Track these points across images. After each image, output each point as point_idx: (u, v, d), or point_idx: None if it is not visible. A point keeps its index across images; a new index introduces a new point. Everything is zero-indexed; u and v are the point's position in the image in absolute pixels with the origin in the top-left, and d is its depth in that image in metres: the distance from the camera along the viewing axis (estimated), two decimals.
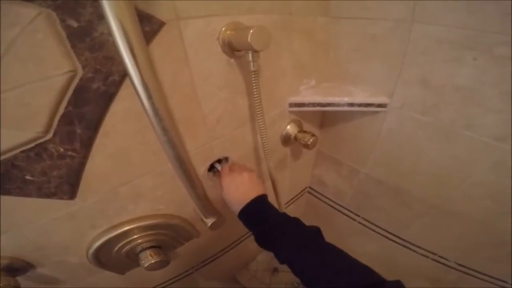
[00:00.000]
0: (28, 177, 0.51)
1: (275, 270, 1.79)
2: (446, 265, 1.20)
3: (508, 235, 0.92)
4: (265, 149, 0.79)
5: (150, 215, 0.76)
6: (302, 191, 1.50)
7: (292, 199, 1.45)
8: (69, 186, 0.57)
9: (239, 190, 0.71)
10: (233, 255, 1.41)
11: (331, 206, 1.46)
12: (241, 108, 0.80)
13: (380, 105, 0.89)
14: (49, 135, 0.49)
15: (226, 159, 0.85)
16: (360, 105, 0.90)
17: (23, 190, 0.52)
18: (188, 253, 1.04)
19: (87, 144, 0.54)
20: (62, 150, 0.51)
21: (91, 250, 0.71)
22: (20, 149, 0.48)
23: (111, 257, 0.77)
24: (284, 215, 0.68)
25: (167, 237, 0.84)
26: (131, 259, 0.80)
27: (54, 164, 0.52)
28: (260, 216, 0.68)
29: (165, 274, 1.14)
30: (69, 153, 0.52)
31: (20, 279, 0.62)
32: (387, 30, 0.78)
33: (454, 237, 1.08)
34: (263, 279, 1.76)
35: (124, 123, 0.57)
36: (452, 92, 0.75)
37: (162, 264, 0.80)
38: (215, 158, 0.82)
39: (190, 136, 0.66)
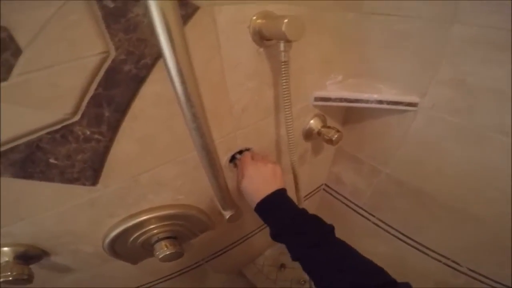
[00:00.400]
0: (52, 161, 0.49)
1: (282, 266, 1.78)
2: (456, 269, 1.18)
3: None
4: (290, 142, 0.77)
5: (168, 205, 0.75)
6: (317, 188, 1.47)
7: (307, 195, 1.43)
8: (92, 172, 0.55)
9: (262, 180, 0.69)
10: (242, 249, 1.40)
11: (346, 205, 1.43)
12: (267, 99, 0.78)
13: (410, 104, 0.86)
14: (77, 117, 0.48)
15: (248, 150, 0.83)
16: (389, 102, 0.86)
17: (45, 174, 0.50)
18: (201, 245, 1.02)
19: (114, 128, 0.53)
20: (88, 132, 0.50)
21: (108, 240, 0.70)
22: (46, 131, 0.46)
23: (127, 247, 0.76)
24: (303, 211, 0.67)
25: (183, 228, 0.83)
26: (145, 249, 0.79)
27: (79, 148, 0.51)
28: (279, 210, 0.66)
29: (176, 265, 1.14)
30: (96, 136, 0.51)
31: (33, 267, 0.61)
32: (422, 29, 0.75)
33: (470, 242, 1.06)
34: (269, 274, 1.75)
35: (153, 108, 0.55)
36: (487, 95, 0.72)
37: (176, 256, 0.78)
38: (238, 149, 0.80)
39: (215, 124, 0.63)
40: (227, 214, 0.78)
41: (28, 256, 0.61)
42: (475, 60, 0.70)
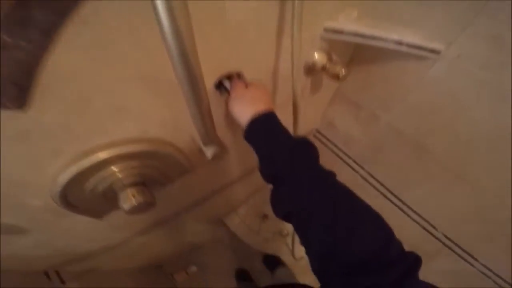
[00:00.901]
0: None
1: (265, 216, 1.70)
2: (432, 234, 1.17)
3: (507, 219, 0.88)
4: (295, 68, 0.64)
5: (135, 139, 0.59)
6: (308, 132, 1.35)
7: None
8: (17, 90, 0.38)
9: (251, 100, 0.58)
10: (224, 197, 1.30)
11: (336, 154, 1.33)
12: (271, 18, 0.61)
13: (432, 51, 0.74)
14: None
15: (239, 75, 0.66)
16: (409, 45, 0.75)
17: None
18: (178, 192, 0.90)
19: (48, 33, 0.35)
20: (9, 40, 0.33)
21: (57, 188, 0.55)
22: None
23: (84, 196, 0.61)
24: (300, 138, 0.54)
25: (155, 170, 0.68)
26: (109, 199, 0.65)
27: None
28: (271, 132, 0.54)
29: (151, 216, 1.02)
30: (20, 42, 0.33)
31: None
32: None
33: (455, 209, 1.03)
34: (252, 225, 1.68)
35: (112, 9, 0.38)
36: None
37: (146, 206, 0.64)
38: (227, 71, 0.63)
39: (202, 35, 0.46)
40: (210, 151, 0.64)
41: None
42: None
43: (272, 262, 1.90)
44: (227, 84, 0.63)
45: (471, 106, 0.78)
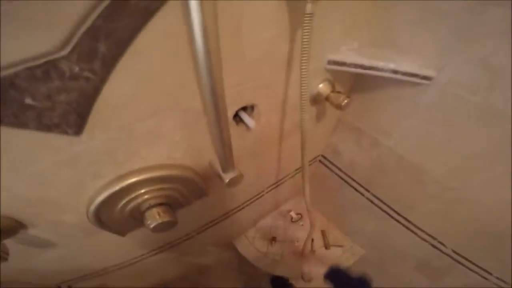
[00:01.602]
0: (27, 101, 0.40)
1: (273, 239, 1.75)
2: (441, 251, 1.20)
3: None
4: (303, 100, 0.72)
5: (163, 165, 0.67)
6: (314, 158, 1.43)
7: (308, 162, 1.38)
8: (76, 116, 0.46)
9: None
10: (234, 221, 1.35)
11: (341, 178, 1.40)
12: (282, 53, 0.70)
13: (425, 77, 0.83)
14: (65, 51, 0.38)
15: (252, 107, 0.76)
16: (404, 74, 0.83)
17: (18, 118, 0.42)
18: (194, 213, 0.97)
19: (109, 65, 0.43)
20: (77, 69, 0.41)
21: (93, 207, 0.62)
22: (26, 65, 0.37)
23: (114, 215, 0.69)
24: None
25: (178, 193, 0.76)
26: (135, 218, 0.72)
27: (63, 86, 0.41)
28: None
29: (167, 236, 1.08)
30: (86, 73, 0.42)
31: (8, 242, 0.55)
32: (458, 8, 0.70)
33: (460, 225, 1.07)
34: (260, 247, 1.73)
35: (159, 44, 0.47)
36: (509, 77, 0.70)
37: (170, 225, 0.71)
38: (243, 104, 0.72)
39: (224, 71, 0.56)
40: (227, 177, 0.72)
41: (1, 230, 0.53)
42: (504, 42, 0.67)
43: (280, 283, 1.93)
44: (242, 115, 0.72)
45: (462, 128, 0.85)
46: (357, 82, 1.05)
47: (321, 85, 0.91)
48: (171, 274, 1.69)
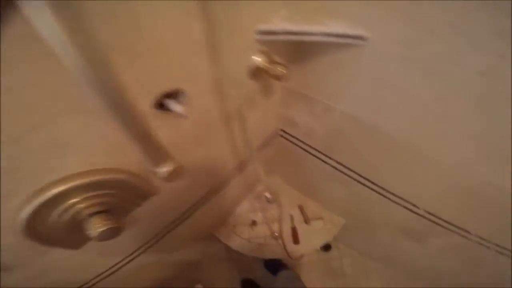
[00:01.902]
0: None
1: (253, 223, 1.74)
2: (416, 213, 1.20)
3: (480, 184, 0.92)
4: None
5: (84, 172, 0.61)
6: (273, 133, 1.40)
7: (263, 143, 1.35)
8: None
9: None
10: (205, 212, 1.31)
11: (303, 149, 1.38)
12: (193, 30, 0.63)
13: (358, 37, 0.80)
14: None
15: (181, 93, 0.70)
16: (337, 35, 0.80)
17: None
18: (152, 214, 0.93)
19: None
20: None
21: (21, 224, 0.57)
22: None
23: (51, 230, 0.63)
24: None
25: (116, 198, 0.71)
26: (78, 230, 0.67)
27: None
28: None
29: (132, 241, 1.04)
30: None
31: None
32: None
33: (426, 183, 1.07)
34: (242, 233, 1.71)
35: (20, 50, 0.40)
36: (441, 27, 0.67)
37: (113, 232, 0.66)
38: (163, 90, 0.65)
39: (124, 59, 0.50)
40: (163, 172, 0.67)
41: None
42: None
43: (274, 265, 1.93)
44: (167, 102, 0.66)
45: (406, 84, 0.83)
46: (297, 51, 1.00)
47: (256, 58, 0.85)
48: (163, 275, 1.67)
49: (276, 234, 1.67)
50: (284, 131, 1.39)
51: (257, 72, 0.88)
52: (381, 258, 2.04)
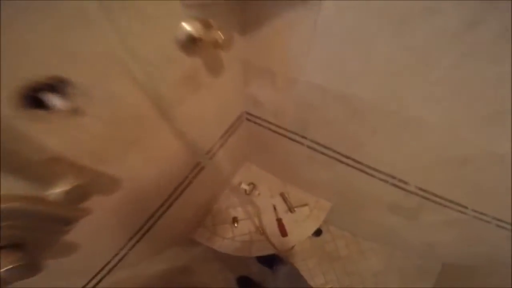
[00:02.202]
0: None
1: (235, 220, 1.58)
2: (406, 190, 1.09)
3: (474, 153, 0.81)
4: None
5: None
6: (238, 118, 1.22)
7: (228, 130, 1.18)
8: None
9: None
10: (172, 218, 1.14)
11: (274, 131, 1.22)
12: None
13: None
14: None
15: (64, 84, 0.47)
16: None
17: None
18: (97, 235, 0.76)
19: None
20: None
21: None
22: None
23: None
24: None
25: (20, 230, 0.54)
26: None
27: None
28: None
29: (91, 263, 0.89)
30: None
31: None
32: None
33: (413, 155, 0.94)
34: (224, 233, 1.55)
35: None
36: None
37: (25, 271, 0.51)
38: (34, 81, 0.42)
39: None
40: (55, 194, 0.49)
41: None
42: None
43: (267, 259, 1.76)
44: (51, 99, 0.47)
45: (376, 42, 0.68)
46: (245, 18, 0.83)
47: (186, 25, 0.64)
48: (150, 284, 1.51)
49: (261, 230, 1.53)
50: (250, 114, 1.22)
51: (191, 44, 0.66)
52: (374, 237, 1.97)
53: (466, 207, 1.03)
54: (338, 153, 1.10)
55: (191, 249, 1.79)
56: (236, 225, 1.57)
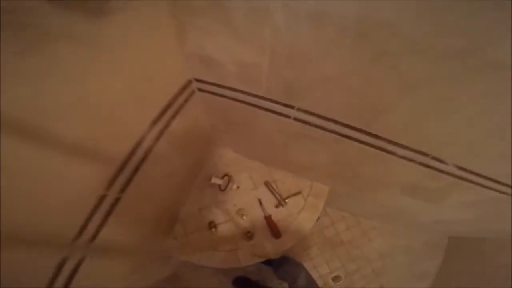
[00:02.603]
0: None
1: (211, 225, 1.20)
2: (438, 169, 0.77)
3: None
4: None
5: None
6: (180, 91, 0.79)
7: (164, 110, 0.75)
8: None
9: None
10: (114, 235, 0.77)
11: (244, 102, 0.82)
12: None
13: None
14: None
15: None
16: None
17: None
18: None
19: None
20: None
21: None
22: None
23: None
24: None
25: None
26: None
27: None
28: None
29: None
30: None
31: None
32: None
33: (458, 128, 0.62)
34: (202, 242, 1.17)
35: None
36: None
37: None
38: None
39: None
40: None
41: None
42: None
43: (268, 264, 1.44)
44: None
45: None
46: None
47: None
48: None
49: (250, 233, 1.17)
50: (201, 81, 0.80)
51: None
52: (377, 216, 1.71)
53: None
54: (344, 125, 0.73)
55: (171, 261, 1.42)
56: (215, 231, 1.20)
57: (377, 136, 0.70)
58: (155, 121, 0.72)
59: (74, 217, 0.62)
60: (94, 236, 0.67)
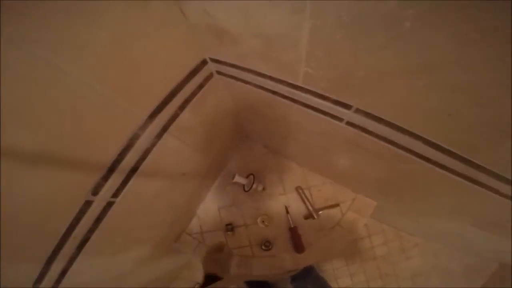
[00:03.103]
0: None
1: (228, 227, 1.02)
2: None
3: None
4: None
5: None
6: (194, 71, 0.56)
7: (165, 99, 0.54)
8: None
9: None
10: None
11: (278, 94, 0.58)
12: None
13: None
14: None
15: None
16: None
17: None
18: None
19: None
20: None
21: None
22: None
23: None
24: None
25: None
26: None
27: None
28: None
29: None
30: None
31: None
32: None
33: None
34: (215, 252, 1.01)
35: None
36: None
37: None
38: None
39: None
40: None
41: None
42: None
43: None
44: None
45: None
46: None
47: None
48: None
49: (269, 245, 0.98)
50: (217, 61, 0.58)
51: None
52: (424, 234, 1.44)
53: None
54: (428, 142, 0.47)
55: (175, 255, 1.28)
56: (230, 233, 1.02)
57: (479, 167, 0.45)
58: (151, 114, 0.52)
59: None
60: None
